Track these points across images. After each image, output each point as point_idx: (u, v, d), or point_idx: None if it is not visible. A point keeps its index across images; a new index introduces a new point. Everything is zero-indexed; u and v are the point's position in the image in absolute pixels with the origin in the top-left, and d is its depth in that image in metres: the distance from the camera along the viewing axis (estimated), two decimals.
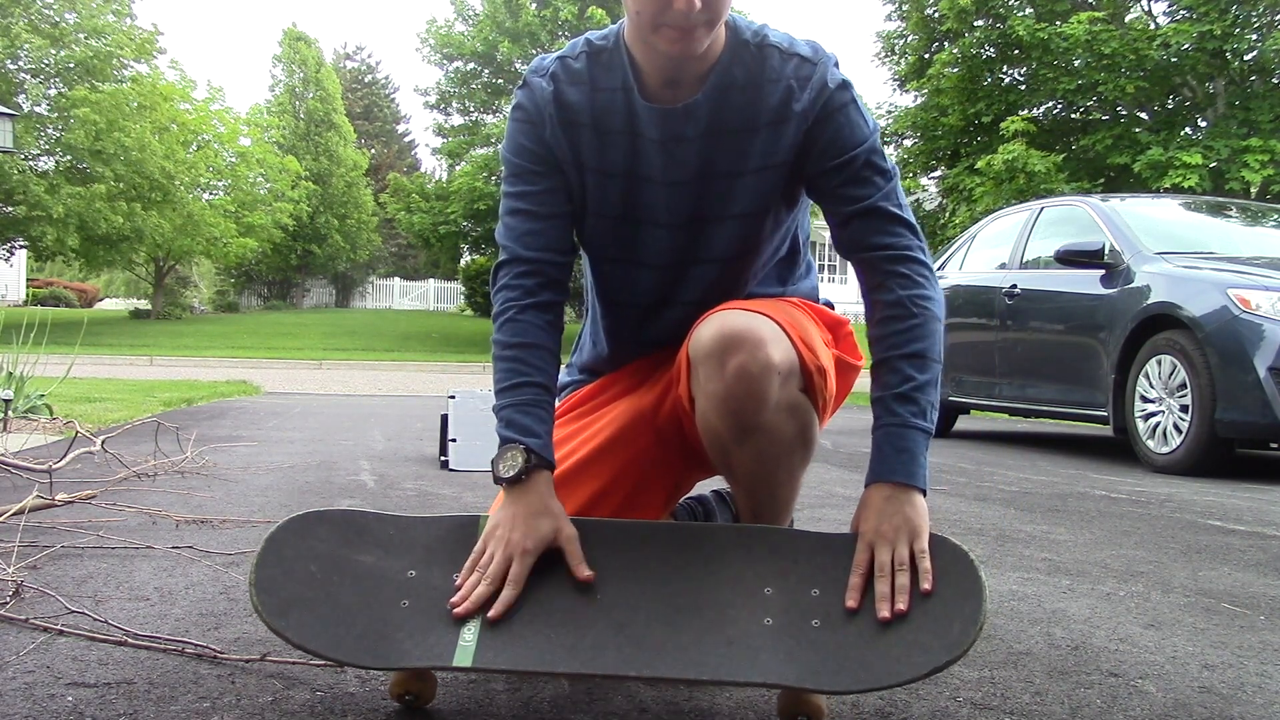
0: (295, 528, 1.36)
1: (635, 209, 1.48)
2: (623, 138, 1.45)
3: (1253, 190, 12.51)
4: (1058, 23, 13.82)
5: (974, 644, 1.18)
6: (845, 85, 1.42)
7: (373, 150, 40.94)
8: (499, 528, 1.34)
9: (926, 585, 1.23)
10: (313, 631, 1.25)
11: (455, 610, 1.27)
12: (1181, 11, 13.60)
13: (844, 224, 1.44)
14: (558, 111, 1.45)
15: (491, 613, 1.26)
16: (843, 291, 27.10)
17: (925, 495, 1.33)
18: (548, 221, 1.48)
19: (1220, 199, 7.41)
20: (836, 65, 1.44)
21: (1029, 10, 14.53)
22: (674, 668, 1.22)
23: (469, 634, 1.25)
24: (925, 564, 1.25)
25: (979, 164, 12.48)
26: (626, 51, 1.43)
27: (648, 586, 1.31)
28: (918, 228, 1.44)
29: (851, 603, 1.23)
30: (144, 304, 28.83)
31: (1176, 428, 4.63)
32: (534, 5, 22.58)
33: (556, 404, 1.55)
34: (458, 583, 1.30)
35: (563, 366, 1.59)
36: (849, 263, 1.46)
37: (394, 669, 1.25)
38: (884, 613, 1.21)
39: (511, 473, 1.35)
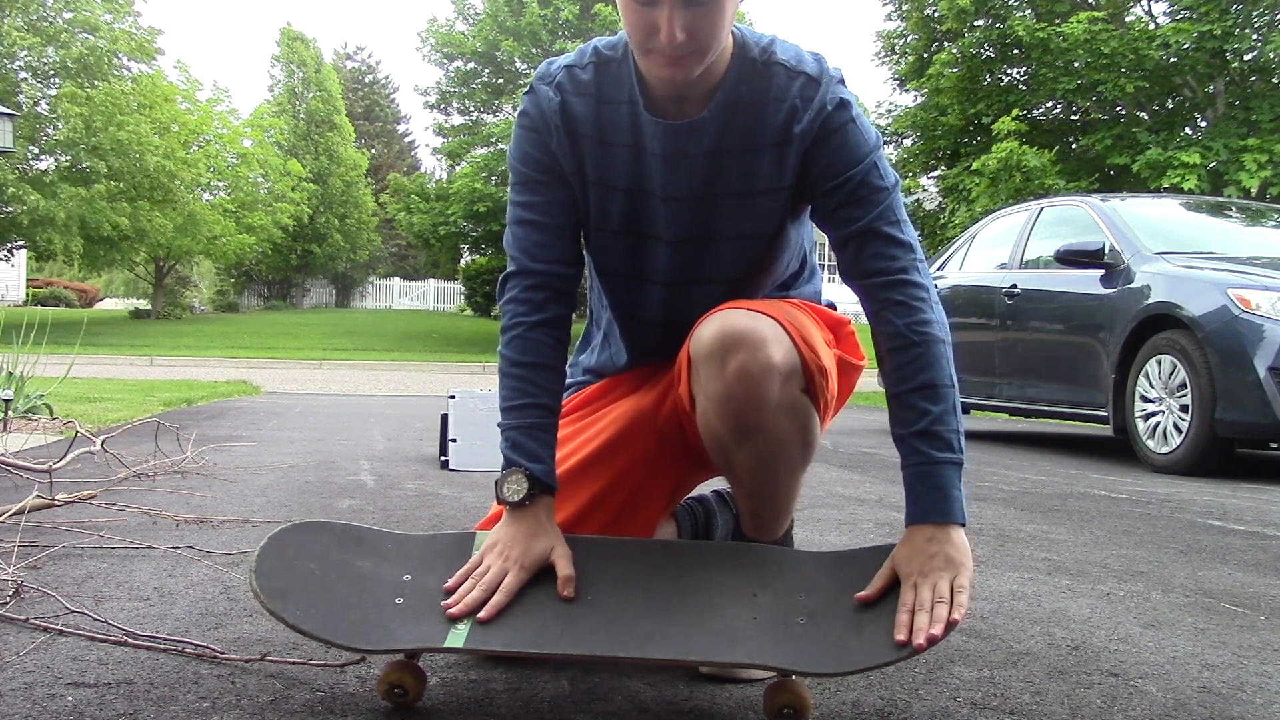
0: (297, 531, 1.41)
1: (637, 224, 1.48)
2: (627, 151, 1.44)
3: (1252, 192, 12.51)
4: (1058, 22, 13.81)
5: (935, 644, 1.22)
6: (844, 104, 1.41)
7: (373, 150, 40.92)
8: (498, 544, 1.38)
9: (956, 616, 1.23)
10: (308, 615, 1.28)
11: (449, 612, 1.31)
12: (1182, 12, 13.60)
13: (842, 246, 1.43)
14: (563, 123, 1.44)
15: (482, 614, 1.30)
16: (843, 291, 27.09)
17: (964, 525, 1.33)
18: (555, 233, 1.47)
19: (1220, 199, 7.41)
20: (841, 82, 1.43)
21: (1029, 10, 14.53)
22: (662, 650, 1.26)
23: (461, 625, 1.30)
24: (962, 598, 1.25)
25: (975, 164, 12.48)
26: (634, 64, 1.42)
27: (638, 591, 1.35)
28: (914, 243, 1.42)
29: (901, 636, 1.22)
30: (144, 304, 28.80)
31: (1176, 428, 4.63)
32: (536, 4, 22.55)
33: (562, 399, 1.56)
34: (449, 585, 1.34)
35: (566, 365, 1.60)
36: (846, 283, 1.46)
37: (386, 650, 1.28)
38: (919, 640, 1.21)
39: (516, 498, 1.39)
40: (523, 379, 1.44)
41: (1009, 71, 15.47)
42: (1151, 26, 14.35)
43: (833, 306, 1.64)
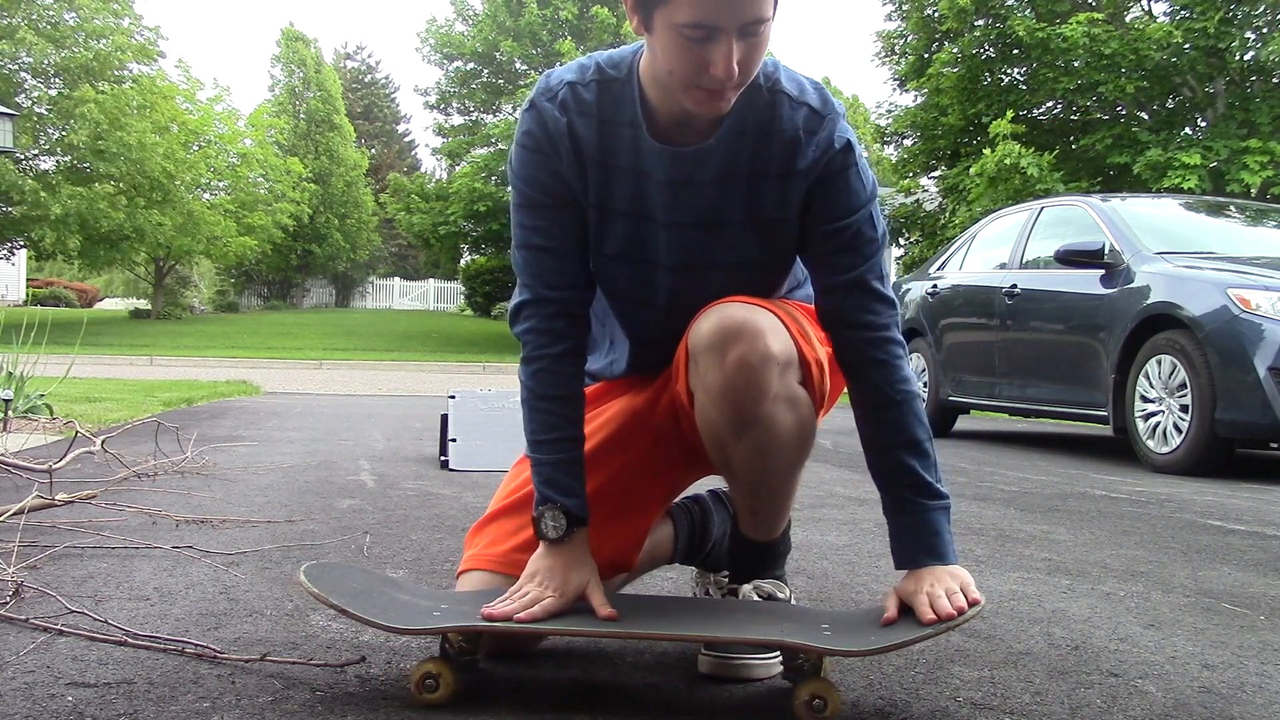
0: (335, 565, 1.56)
1: (638, 249, 1.47)
2: (628, 175, 1.43)
3: (1252, 192, 12.51)
4: (1058, 22, 13.81)
5: (964, 623, 1.32)
6: (850, 146, 1.42)
7: (373, 150, 40.92)
8: (538, 574, 1.41)
9: (975, 596, 1.35)
10: (351, 604, 1.36)
11: (483, 612, 1.37)
12: (1181, 12, 13.59)
13: (827, 292, 1.46)
14: (570, 144, 1.42)
15: (519, 616, 1.35)
16: None
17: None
18: (568, 257, 1.46)
19: (1220, 199, 7.41)
20: (844, 118, 1.44)
21: (1029, 10, 14.52)
22: (692, 629, 1.36)
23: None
24: (973, 591, 1.36)
25: (973, 168, 12.45)
26: (639, 86, 1.41)
27: (667, 615, 1.45)
28: (895, 299, 1.47)
29: (930, 616, 1.33)
30: (144, 304, 28.77)
31: (1176, 428, 4.63)
32: (535, 4, 22.55)
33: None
34: (485, 610, 1.39)
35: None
36: (825, 330, 1.49)
37: (424, 631, 1.36)
38: (946, 610, 1.32)
39: (556, 534, 1.42)
40: (551, 412, 1.46)
41: (1009, 71, 15.45)
42: (1151, 26, 14.35)
43: None
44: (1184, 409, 4.58)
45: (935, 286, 6.72)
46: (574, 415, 1.47)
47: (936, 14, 15.07)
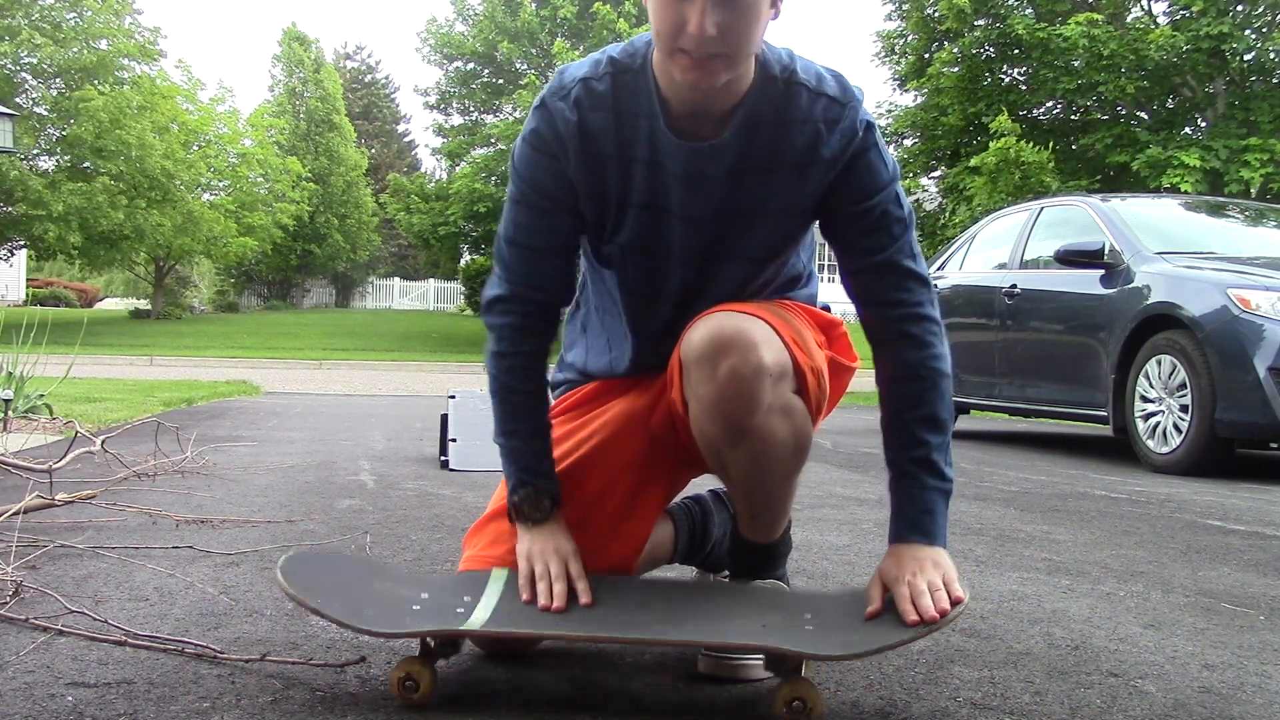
0: (316, 554, 1.53)
1: (650, 241, 1.47)
2: (644, 168, 1.42)
3: (1252, 190, 12.51)
4: (1058, 21, 13.82)
5: (948, 624, 1.31)
6: (871, 127, 1.41)
7: (373, 150, 40.87)
8: (534, 548, 1.44)
9: (959, 594, 1.32)
10: (329, 604, 1.34)
11: (540, 605, 1.38)
12: (1181, 11, 13.60)
13: (856, 273, 1.45)
14: (582, 144, 1.41)
15: (584, 599, 1.38)
16: (838, 292, 27.03)
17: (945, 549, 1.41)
18: (553, 261, 1.48)
19: (1220, 199, 7.41)
20: (862, 103, 1.43)
21: (1029, 10, 14.54)
22: (677, 634, 1.35)
23: (481, 612, 1.36)
24: (955, 587, 1.33)
25: (974, 161, 12.46)
26: (653, 77, 1.40)
27: (652, 613, 1.43)
28: (929, 277, 1.46)
29: (913, 618, 1.31)
30: (144, 304, 28.73)
31: (1176, 428, 4.63)
32: (533, 4, 22.53)
33: (551, 403, 1.61)
34: (525, 599, 1.39)
35: (552, 365, 1.64)
36: (855, 306, 1.48)
37: (403, 634, 1.34)
38: (930, 613, 1.29)
39: (537, 514, 1.46)
40: (522, 404, 1.51)
41: (1009, 71, 15.47)
42: (1152, 28, 14.35)
43: (827, 309, 1.64)
44: (1184, 409, 4.58)
45: (935, 286, 6.70)
46: (542, 406, 1.53)
47: (936, 14, 15.07)
